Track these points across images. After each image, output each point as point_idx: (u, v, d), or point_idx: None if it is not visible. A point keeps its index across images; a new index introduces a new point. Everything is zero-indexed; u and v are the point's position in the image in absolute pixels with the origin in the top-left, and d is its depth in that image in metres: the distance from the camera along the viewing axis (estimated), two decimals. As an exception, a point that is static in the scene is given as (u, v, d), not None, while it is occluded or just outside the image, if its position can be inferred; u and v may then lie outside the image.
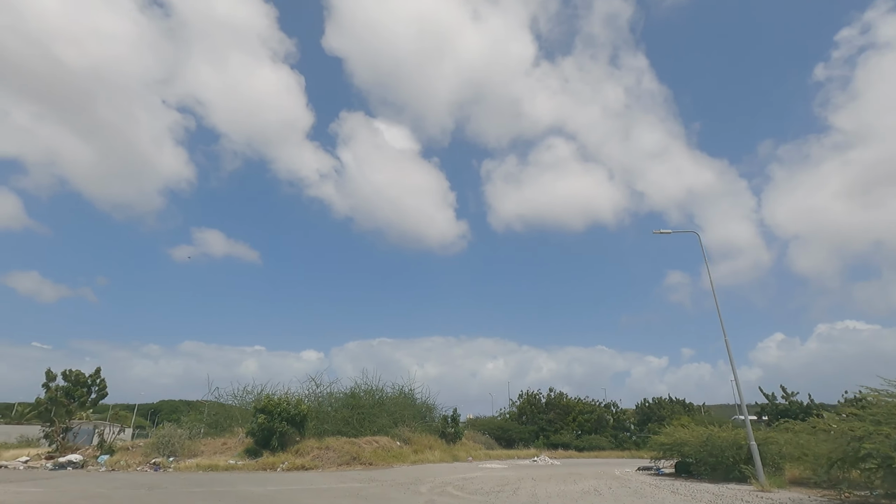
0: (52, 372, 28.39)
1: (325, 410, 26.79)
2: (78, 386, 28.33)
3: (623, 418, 47.32)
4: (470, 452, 32.08)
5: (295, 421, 23.32)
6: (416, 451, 26.70)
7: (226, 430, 27.78)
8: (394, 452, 25.09)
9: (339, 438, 24.63)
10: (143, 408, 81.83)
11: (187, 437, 24.69)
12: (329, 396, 28.70)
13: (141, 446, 25.29)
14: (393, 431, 28.33)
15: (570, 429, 46.05)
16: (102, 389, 29.09)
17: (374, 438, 26.08)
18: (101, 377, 29.32)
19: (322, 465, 21.85)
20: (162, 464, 21.86)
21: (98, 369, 29.35)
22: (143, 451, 24.04)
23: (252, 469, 21.05)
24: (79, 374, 28.72)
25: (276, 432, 22.85)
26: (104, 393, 29.10)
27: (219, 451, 24.42)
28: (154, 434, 24.55)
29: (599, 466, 27.49)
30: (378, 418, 28.49)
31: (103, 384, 29.21)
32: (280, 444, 23.15)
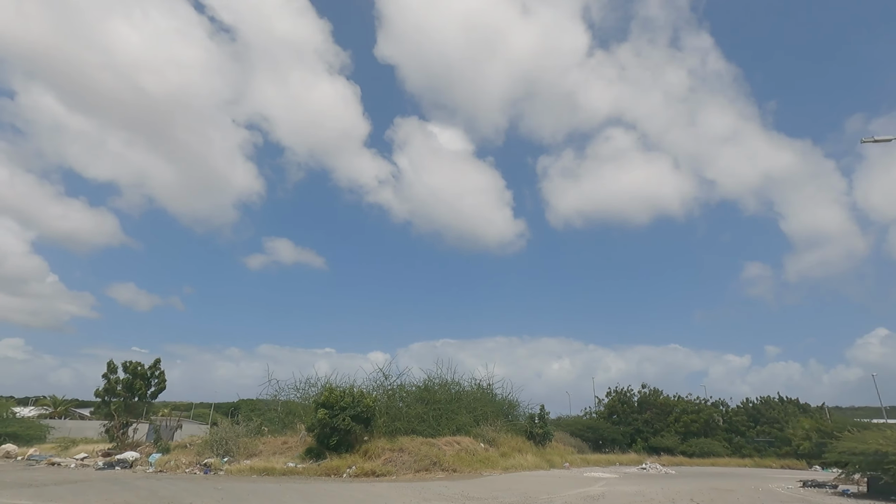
0: (113, 363, 26.36)
1: (396, 406, 22.71)
2: (136, 378, 26.05)
3: (735, 420, 40.06)
4: (564, 457, 26.91)
5: (361, 417, 19.37)
6: (505, 456, 22.01)
7: (288, 428, 24.47)
8: (479, 456, 20.54)
9: (415, 438, 20.44)
10: (225, 406, 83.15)
11: (244, 434, 21.44)
12: (399, 390, 24.65)
13: (197, 444, 22.37)
14: (475, 431, 23.83)
15: (672, 431, 39.50)
16: (161, 383, 26.71)
17: (454, 439, 21.68)
18: (159, 369, 26.98)
19: (396, 470, 17.68)
20: (213, 465, 18.57)
21: (157, 360, 27.07)
22: (196, 450, 21.02)
23: (313, 474, 17.23)
24: (138, 365, 26.47)
25: (339, 430, 18.99)
26: (163, 386, 26.70)
27: (278, 450, 20.97)
28: (209, 432, 21.51)
29: (737, 479, 21.49)
30: (457, 415, 24.09)
31: (162, 377, 26.83)
32: (344, 443, 19.28)
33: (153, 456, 20.66)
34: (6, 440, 37.66)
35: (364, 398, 19.86)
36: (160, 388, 26.71)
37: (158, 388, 26.67)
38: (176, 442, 25.43)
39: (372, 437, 20.33)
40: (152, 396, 26.60)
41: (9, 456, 26.40)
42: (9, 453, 26.57)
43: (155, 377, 26.84)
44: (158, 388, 26.67)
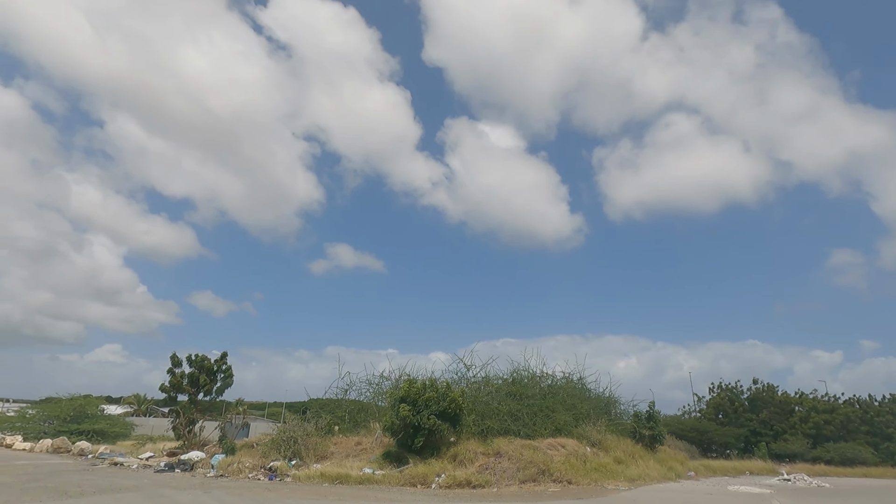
0: (177, 356, 24.54)
1: (484, 401, 19.02)
2: (202, 372, 24.06)
3: (878, 421, 33.04)
4: (682, 464, 22.16)
5: (447, 414, 15.88)
6: (620, 462, 17.75)
7: (360, 426, 21.51)
8: (592, 464, 16.46)
9: (512, 440, 16.69)
10: (296, 405, 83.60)
11: (314, 433, 18.60)
12: (485, 383, 20.95)
13: (264, 444, 19.83)
14: (577, 432, 19.73)
15: (798, 433, 33.16)
16: (228, 377, 24.60)
17: (556, 441, 17.72)
18: (226, 363, 24.89)
19: (496, 480, 14.01)
20: (280, 470, 15.73)
21: (224, 354, 25.00)
22: (262, 451, 18.41)
23: (395, 483, 13.92)
24: (203, 359, 24.48)
25: (423, 429, 15.60)
26: (229, 381, 24.57)
27: (352, 452, 17.94)
28: (276, 430, 18.85)
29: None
30: (554, 413, 20.08)
31: (229, 371, 24.71)
32: (429, 446, 15.86)
33: (215, 458, 18.24)
34: (94, 436, 37.63)
35: (449, 392, 16.37)
36: (227, 384, 24.58)
37: (225, 383, 24.55)
38: (243, 441, 23.19)
39: (459, 437, 16.82)
40: (218, 392, 24.51)
41: (82, 453, 25.28)
42: (83, 451, 25.46)
43: (221, 371, 24.75)
44: (225, 383, 24.55)
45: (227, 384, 24.71)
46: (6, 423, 37.95)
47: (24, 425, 36.87)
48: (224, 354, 25.15)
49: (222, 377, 24.83)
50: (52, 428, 36.20)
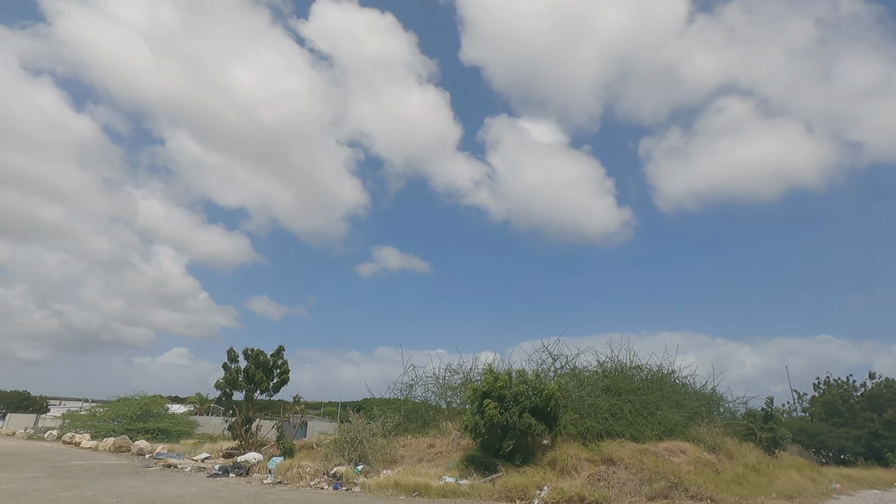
0: (233, 351, 22.85)
1: (578, 396, 15.79)
2: (258, 367, 22.21)
3: None
4: (820, 474, 18.12)
5: (542, 411, 12.90)
6: (758, 472, 14.11)
7: (429, 426, 18.89)
8: (728, 474, 12.99)
9: (622, 444, 13.46)
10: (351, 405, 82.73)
11: (381, 433, 16.10)
12: (575, 375, 17.72)
13: (324, 446, 17.58)
14: (691, 433, 16.23)
15: (937, 436, 27.87)
16: (284, 373, 22.64)
17: (674, 445, 14.33)
18: (282, 359, 22.96)
19: (615, 495, 10.91)
20: (345, 477, 13.27)
21: (280, 349, 23.08)
22: (324, 454, 16.10)
23: (488, 497, 11.10)
24: (259, 353, 22.65)
25: (514, 430, 12.72)
26: (286, 378, 22.59)
27: (424, 456, 15.31)
28: (338, 430, 16.45)
29: None
30: (659, 410, 16.63)
31: (285, 367, 22.76)
32: (520, 450, 12.94)
33: (273, 460, 16.06)
34: (159, 435, 37.25)
35: (541, 384, 13.38)
36: (283, 381, 22.62)
37: (281, 379, 22.60)
38: (301, 442, 21.13)
39: (554, 439, 13.79)
40: (274, 389, 22.59)
41: (140, 453, 24.08)
42: (141, 450, 24.28)
43: (277, 367, 22.83)
44: (281, 379, 22.60)
45: (283, 381, 22.74)
46: (79, 422, 38.40)
47: (94, 423, 37.10)
48: (280, 349, 23.21)
49: (278, 373, 22.90)
50: (121, 426, 36.09)
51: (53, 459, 20.17)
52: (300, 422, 20.61)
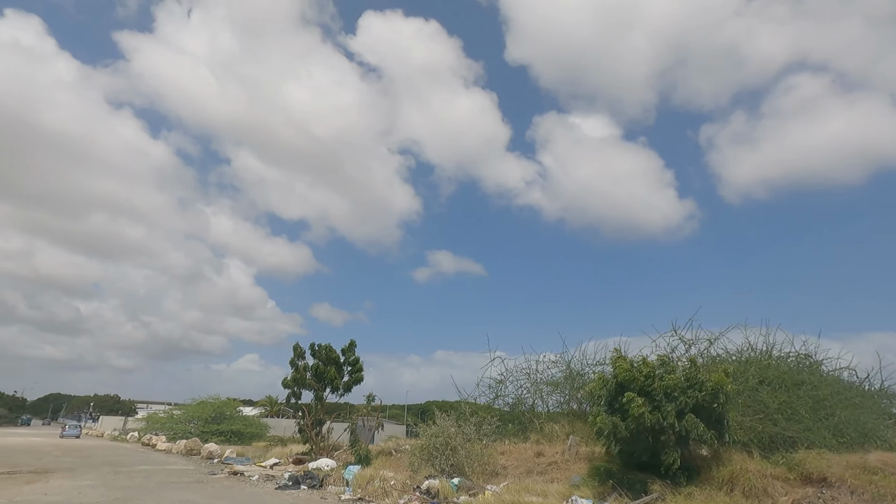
0: (300, 347, 20.74)
1: (736, 391, 11.84)
2: (329, 364, 19.90)
3: None
4: None
5: (705, 410, 9.32)
6: None
7: (527, 429, 15.60)
8: None
9: (822, 455, 9.55)
10: (413, 408, 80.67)
11: (475, 438, 13.02)
12: (717, 365, 13.72)
13: (406, 451, 14.77)
14: (893, 439, 11.94)
15: None
16: (357, 371, 20.19)
17: (885, 457, 10.20)
18: (353, 354, 20.55)
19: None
20: (442, 494, 10.30)
21: (351, 343, 20.68)
22: (408, 462, 13.25)
23: (653, 531, 7.70)
24: (329, 349, 20.38)
25: (671, 435, 9.23)
26: (359, 376, 20.13)
27: (533, 467, 12.07)
28: (424, 434, 13.53)
29: None
30: (837, 409, 12.42)
31: (358, 363, 20.31)
32: (679, 462, 9.37)
33: (349, 470, 13.41)
34: (232, 437, 36.40)
35: (698, 372, 9.79)
36: (356, 379, 20.17)
37: (354, 378, 20.16)
38: (376, 446, 18.53)
39: (718, 449, 10.12)
40: (346, 388, 20.18)
41: (209, 456, 22.47)
42: (210, 454, 22.68)
43: (349, 364, 20.43)
44: (354, 378, 20.16)
45: (356, 379, 20.28)
46: (157, 424, 38.58)
47: (171, 425, 37.00)
48: (352, 344, 20.81)
49: (350, 371, 20.47)
50: (197, 428, 35.63)
51: (121, 463, 18.76)
52: (376, 423, 18.02)
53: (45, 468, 16.20)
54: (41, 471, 15.53)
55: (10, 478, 13.78)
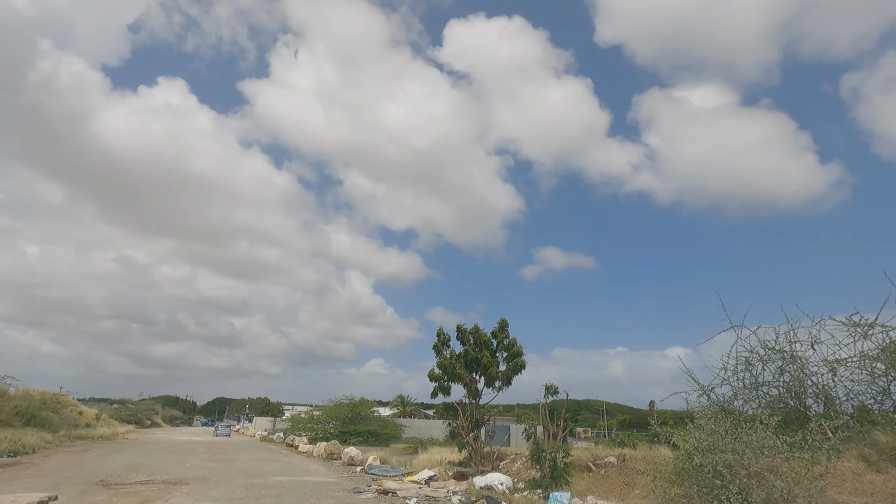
0: (443, 332, 16.54)
1: None
2: (481, 348, 15.39)
3: None
4: None
5: None
6: None
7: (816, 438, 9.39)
8: None
9: None
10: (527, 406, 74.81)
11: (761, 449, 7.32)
12: None
13: (656, 473, 9.46)
14: None
15: None
16: (515, 356, 15.38)
17: None
18: (507, 335, 15.79)
19: None
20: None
21: (503, 323, 15.95)
22: (660, 490, 7.93)
23: None
24: (477, 330, 15.90)
25: None
26: (519, 362, 15.28)
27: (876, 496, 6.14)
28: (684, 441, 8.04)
29: None
30: None
31: (514, 346, 15.48)
32: None
33: (557, 497, 8.45)
34: (368, 438, 34.13)
35: None
36: (516, 366, 15.37)
37: (513, 365, 15.38)
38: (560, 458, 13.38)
39: None
40: (505, 379, 15.45)
41: (351, 463, 19.18)
42: (352, 459, 19.41)
43: (504, 348, 15.72)
44: (513, 365, 15.38)
45: (515, 367, 15.46)
46: (299, 424, 38.02)
47: (312, 425, 36.07)
48: (503, 324, 16.06)
49: (507, 356, 15.70)
50: (335, 428, 34.16)
51: (258, 472, 15.97)
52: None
53: (178, 478, 13.75)
54: (173, 481, 13.02)
55: (135, 493, 11.16)
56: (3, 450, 19.00)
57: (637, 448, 11.79)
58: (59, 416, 32.46)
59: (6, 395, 29.78)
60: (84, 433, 32.84)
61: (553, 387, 12.40)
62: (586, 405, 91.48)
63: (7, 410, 28.08)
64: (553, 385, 12.41)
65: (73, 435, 30.64)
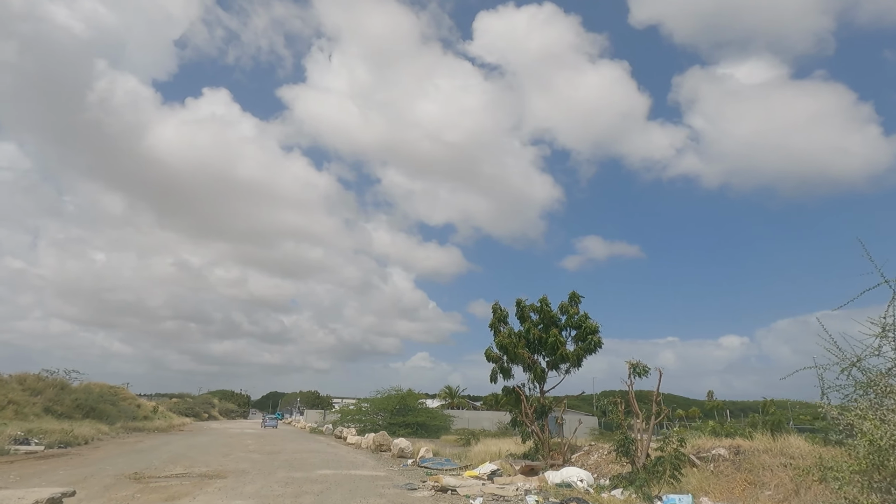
0: (500, 308, 14.46)
1: None
2: (549, 324, 13.20)
3: None
4: None
5: None
6: None
7: None
8: None
9: None
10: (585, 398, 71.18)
11: None
12: None
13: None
14: None
15: None
16: (591, 332, 13.07)
17: None
18: (577, 309, 13.49)
19: None
20: None
21: (574, 296, 13.71)
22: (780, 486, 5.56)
23: None
24: (544, 304, 13.69)
25: None
26: (594, 341, 12.94)
27: None
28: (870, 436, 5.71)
29: None
30: None
31: (586, 322, 13.16)
32: None
33: (676, 500, 6.24)
34: (418, 429, 32.57)
35: None
36: (588, 346, 13.07)
37: (586, 344, 13.09)
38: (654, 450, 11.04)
39: None
40: (574, 359, 13.18)
41: (402, 455, 17.47)
42: (402, 451, 17.68)
43: (573, 325, 13.46)
44: (586, 344, 13.09)
45: (588, 346, 13.17)
46: (348, 416, 37.12)
47: (360, 417, 35.01)
48: (574, 297, 13.77)
49: (577, 335, 13.44)
50: (384, 420, 32.91)
51: (302, 464, 14.48)
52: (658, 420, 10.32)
53: (216, 471, 12.41)
54: (210, 475, 11.67)
55: (164, 487, 9.79)
56: (54, 441, 18.52)
57: (754, 438, 9.28)
58: (117, 409, 32.77)
59: (68, 388, 30.15)
60: (141, 425, 33.00)
61: (641, 365, 10.06)
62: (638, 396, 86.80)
63: (68, 403, 28.36)
64: (641, 363, 10.07)
65: (130, 426, 30.72)
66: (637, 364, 10.08)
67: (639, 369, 10.07)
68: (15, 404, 24.96)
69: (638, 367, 10.08)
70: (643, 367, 10.05)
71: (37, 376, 29.53)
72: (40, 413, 25.92)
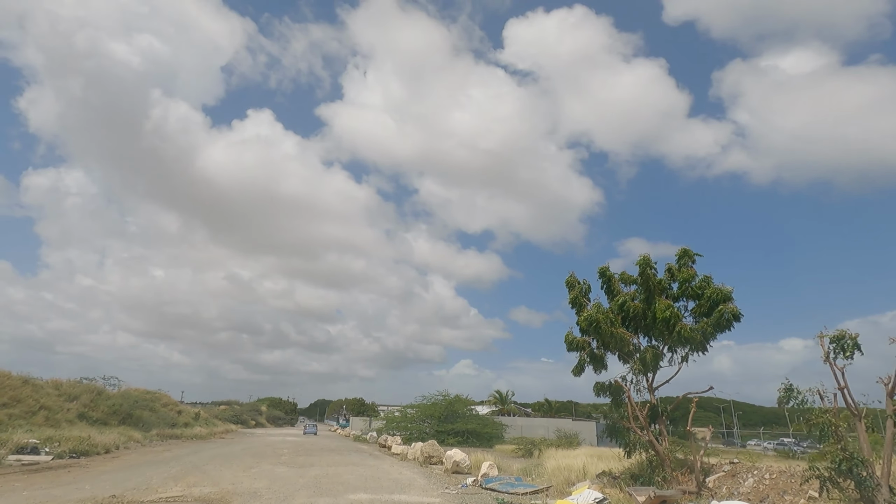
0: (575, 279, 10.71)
1: None
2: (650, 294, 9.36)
3: None
4: None
5: None
6: None
7: None
8: None
9: None
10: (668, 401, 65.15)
11: None
12: None
13: None
14: None
15: None
16: (716, 303, 9.15)
17: None
18: (694, 274, 9.59)
19: None
20: None
21: (684, 252, 9.83)
22: None
23: None
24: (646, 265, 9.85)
25: None
26: (728, 310, 8.99)
27: None
28: None
29: None
30: None
31: (711, 288, 9.25)
32: None
33: None
34: (469, 438, 28.93)
35: None
36: (720, 320, 9.09)
37: (714, 320, 9.11)
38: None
39: None
40: (699, 341, 9.21)
41: (457, 470, 13.90)
42: (457, 465, 14.13)
43: (688, 295, 9.55)
44: (714, 320, 9.11)
45: (719, 320, 9.21)
46: (393, 423, 33.81)
47: (405, 424, 31.64)
48: (685, 254, 9.87)
49: (698, 306, 9.52)
50: (431, 427, 29.53)
51: (330, 484, 11.16)
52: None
53: (220, 493, 9.40)
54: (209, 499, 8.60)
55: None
56: (64, 451, 16.20)
57: None
58: (155, 415, 31.01)
59: (104, 394, 28.59)
60: (179, 432, 31.04)
61: (851, 337, 6.10)
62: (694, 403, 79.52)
63: (103, 409, 26.65)
64: (850, 333, 6.11)
65: (166, 434, 28.73)
66: (844, 336, 6.13)
67: (846, 344, 6.11)
68: (47, 409, 23.26)
69: (844, 340, 6.12)
70: (853, 339, 6.08)
71: (73, 382, 28.11)
72: (73, 419, 24.20)
